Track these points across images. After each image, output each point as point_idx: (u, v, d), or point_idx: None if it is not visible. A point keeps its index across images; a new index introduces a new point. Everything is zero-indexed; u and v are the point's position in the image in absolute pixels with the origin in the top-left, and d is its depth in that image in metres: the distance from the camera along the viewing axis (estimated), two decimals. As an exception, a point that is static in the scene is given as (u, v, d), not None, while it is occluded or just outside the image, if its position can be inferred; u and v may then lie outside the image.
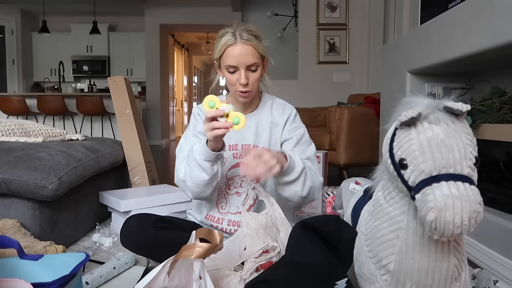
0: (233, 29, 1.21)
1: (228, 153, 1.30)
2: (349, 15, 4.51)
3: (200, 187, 1.21)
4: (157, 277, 0.76)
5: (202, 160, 1.16)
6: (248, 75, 1.21)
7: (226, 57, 1.21)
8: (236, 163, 1.31)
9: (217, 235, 0.81)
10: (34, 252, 1.18)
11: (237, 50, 1.19)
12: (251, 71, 1.22)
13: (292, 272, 0.81)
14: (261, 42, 1.23)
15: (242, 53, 1.19)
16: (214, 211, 1.33)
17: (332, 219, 0.91)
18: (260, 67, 1.24)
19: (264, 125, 1.33)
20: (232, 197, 1.32)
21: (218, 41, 1.22)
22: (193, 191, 1.23)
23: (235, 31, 1.19)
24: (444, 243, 0.68)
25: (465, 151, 0.62)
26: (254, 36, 1.21)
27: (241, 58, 1.19)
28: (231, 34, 1.19)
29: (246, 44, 1.19)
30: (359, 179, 1.32)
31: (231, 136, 1.30)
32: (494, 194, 1.46)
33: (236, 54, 1.19)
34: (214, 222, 1.32)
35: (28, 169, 1.42)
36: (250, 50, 1.19)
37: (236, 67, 1.20)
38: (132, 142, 2.36)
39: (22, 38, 7.52)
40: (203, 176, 1.18)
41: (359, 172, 2.89)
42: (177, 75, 9.21)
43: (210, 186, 1.22)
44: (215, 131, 1.09)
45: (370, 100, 3.24)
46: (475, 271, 1.20)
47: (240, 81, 1.21)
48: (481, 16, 1.35)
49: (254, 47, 1.20)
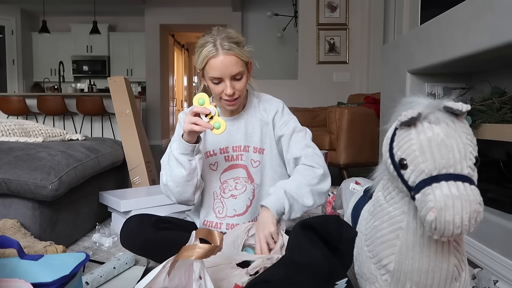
0: (213, 38, 1.15)
1: (219, 156, 1.29)
2: (349, 15, 4.51)
3: (180, 185, 1.19)
4: (157, 277, 0.76)
5: (179, 154, 1.16)
6: (234, 85, 1.18)
7: (209, 68, 1.16)
8: (228, 165, 1.30)
9: (217, 235, 0.81)
10: (34, 252, 1.18)
11: (219, 62, 1.14)
12: (236, 80, 1.19)
13: (292, 272, 0.81)
14: (243, 48, 1.19)
15: (226, 64, 1.14)
16: (211, 216, 1.31)
17: (332, 219, 0.91)
18: (245, 74, 1.21)
19: (253, 124, 1.30)
20: (228, 200, 1.30)
21: (199, 52, 1.18)
22: (174, 191, 1.21)
23: (215, 41, 1.14)
24: (444, 243, 0.68)
25: (465, 151, 0.62)
26: (236, 44, 1.16)
27: (225, 69, 1.15)
28: (212, 45, 1.14)
29: (228, 54, 1.14)
30: (359, 179, 1.32)
31: (220, 140, 1.29)
32: (494, 194, 1.46)
33: (219, 66, 1.14)
34: (213, 227, 1.30)
35: (28, 169, 1.42)
36: (233, 60, 1.15)
37: (221, 78, 1.17)
38: (132, 142, 2.36)
39: (22, 38, 7.52)
40: (181, 172, 1.17)
41: (359, 172, 2.89)
42: (177, 75, 9.21)
43: (190, 185, 1.20)
44: (192, 125, 1.10)
45: (370, 100, 3.24)
46: (475, 271, 1.20)
47: (226, 91, 1.18)
48: (481, 16, 1.35)
49: (237, 56, 1.16)
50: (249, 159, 1.30)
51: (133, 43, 7.91)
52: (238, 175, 1.30)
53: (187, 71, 10.45)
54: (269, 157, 1.31)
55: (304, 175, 1.20)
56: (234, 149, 1.30)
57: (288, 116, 1.32)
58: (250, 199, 1.30)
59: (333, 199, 2.04)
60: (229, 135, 1.29)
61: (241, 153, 1.30)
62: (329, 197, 2.06)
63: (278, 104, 1.33)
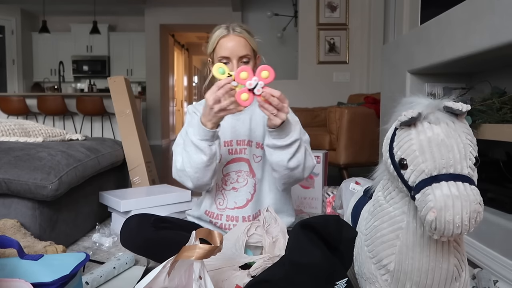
0: (226, 24, 1.28)
1: (223, 149, 1.31)
2: (349, 15, 4.50)
3: (199, 171, 1.19)
4: (157, 277, 0.76)
5: (198, 140, 1.15)
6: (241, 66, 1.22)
7: (219, 49, 1.26)
8: (231, 158, 1.32)
9: (217, 236, 0.81)
10: (34, 252, 1.18)
11: (229, 41, 1.25)
12: (243, 63, 1.25)
13: (292, 272, 0.81)
14: (253, 37, 1.30)
15: (235, 44, 1.24)
16: (212, 207, 1.34)
17: (332, 219, 0.91)
18: (252, 60, 1.28)
19: (257, 120, 1.33)
20: (229, 192, 1.32)
21: (211, 36, 1.29)
22: (193, 177, 1.21)
23: (228, 25, 1.27)
24: (444, 243, 0.68)
25: (465, 151, 0.62)
26: (247, 31, 1.28)
27: (234, 49, 1.24)
28: (225, 28, 1.27)
29: (238, 36, 1.26)
30: (359, 179, 1.32)
31: (225, 132, 1.30)
32: (494, 194, 1.46)
33: (228, 46, 1.24)
34: (213, 218, 1.33)
35: (28, 169, 1.42)
36: (242, 41, 1.26)
37: (229, 58, 1.24)
38: (132, 142, 2.36)
39: (22, 38, 7.52)
40: (201, 158, 1.17)
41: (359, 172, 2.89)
42: (177, 75, 9.21)
43: (210, 169, 1.20)
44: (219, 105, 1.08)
45: (370, 100, 3.24)
46: (475, 271, 1.21)
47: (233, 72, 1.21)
48: (481, 16, 1.35)
49: (247, 40, 1.27)
50: (252, 153, 1.32)
51: (133, 43, 7.90)
52: (240, 168, 1.32)
53: (187, 71, 10.45)
54: None
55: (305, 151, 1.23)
56: (238, 143, 1.32)
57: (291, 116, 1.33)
58: (251, 193, 1.32)
59: (333, 199, 2.04)
60: (234, 129, 1.32)
61: (244, 147, 1.32)
62: (329, 197, 2.06)
63: None
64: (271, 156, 1.19)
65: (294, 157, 1.18)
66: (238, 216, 1.30)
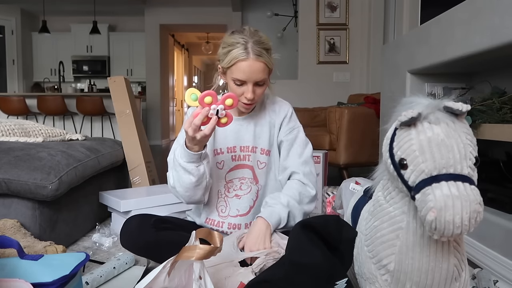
0: (244, 39, 1.14)
1: (226, 155, 1.29)
2: (349, 15, 4.50)
3: (189, 190, 1.18)
4: (158, 278, 0.76)
5: (185, 162, 1.13)
6: (255, 90, 1.18)
7: (236, 70, 1.15)
8: (235, 165, 1.30)
9: (217, 236, 0.81)
10: (34, 252, 1.18)
11: (248, 66, 1.14)
12: (258, 86, 1.19)
13: (292, 272, 0.81)
14: (271, 55, 1.20)
15: (253, 70, 1.14)
16: (214, 214, 1.31)
17: (332, 219, 0.91)
18: (267, 80, 1.22)
19: (262, 125, 1.30)
20: (232, 200, 1.30)
21: (228, 51, 1.16)
22: (183, 195, 1.20)
23: (247, 44, 1.13)
24: (444, 243, 0.68)
25: (465, 151, 0.62)
26: (266, 50, 1.16)
27: (251, 74, 1.15)
28: (243, 48, 1.13)
29: (258, 60, 1.14)
30: (359, 179, 1.32)
31: (229, 139, 1.29)
32: (494, 194, 1.46)
33: (247, 71, 1.14)
34: (214, 226, 1.30)
35: (28, 169, 1.42)
36: (261, 67, 1.15)
37: (245, 81, 1.17)
38: (132, 142, 2.36)
39: (22, 38, 7.52)
40: (190, 179, 1.15)
41: (359, 172, 2.89)
42: (177, 75, 9.22)
43: (200, 188, 1.19)
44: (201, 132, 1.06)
45: (370, 100, 3.23)
46: (475, 271, 1.20)
47: (247, 95, 1.18)
48: (481, 16, 1.35)
49: (265, 64, 1.16)
50: (256, 160, 1.30)
51: (133, 43, 7.91)
52: (244, 175, 1.30)
53: (187, 71, 10.45)
54: (274, 159, 1.32)
55: (300, 191, 1.24)
56: (241, 149, 1.30)
57: (295, 123, 1.34)
58: (254, 200, 1.30)
59: (333, 199, 2.04)
60: (237, 135, 1.29)
61: (248, 153, 1.30)
62: (329, 197, 2.06)
63: (287, 108, 1.34)
64: None
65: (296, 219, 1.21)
66: (241, 224, 1.29)
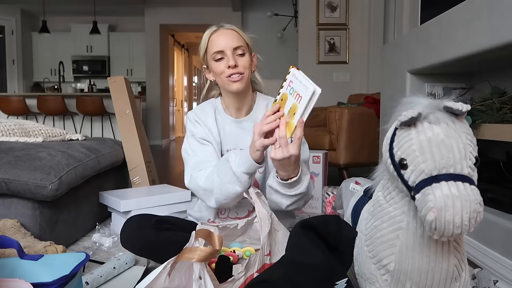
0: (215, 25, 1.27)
1: None
2: (349, 15, 4.50)
3: (229, 199, 1.17)
4: (158, 278, 0.76)
5: (242, 172, 1.10)
6: (236, 59, 1.20)
7: (211, 45, 1.23)
8: None
9: (216, 238, 0.81)
10: (34, 252, 1.18)
11: (221, 35, 1.22)
12: (239, 56, 1.21)
13: (292, 272, 0.81)
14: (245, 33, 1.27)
15: (227, 36, 1.21)
16: (214, 216, 1.32)
17: (332, 219, 0.91)
18: (247, 54, 1.23)
19: None
20: None
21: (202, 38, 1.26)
22: (220, 202, 1.18)
23: (218, 24, 1.26)
24: (444, 243, 0.68)
25: (465, 151, 0.62)
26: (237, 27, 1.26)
27: (226, 41, 1.21)
28: (214, 26, 1.26)
29: (229, 28, 1.24)
30: (359, 179, 1.32)
31: (227, 140, 1.28)
32: (494, 194, 1.46)
33: (220, 39, 1.21)
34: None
35: (28, 169, 1.42)
36: (234, 33, 1.23)
37: (223, 51, 1.20)
38: (132, 142, 2.35)
39: (22, 38, 7.52)
40: (236, 189, 1.13)
41: (359, 172, 2.89)
42: (177, 75, 9.21)
43: (239, 197, 1.17)
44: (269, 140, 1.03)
45: (370, 100, 3.23)
46: (475, 271, 1.20)
47: (229, 63, 1.19)
48: (481, 16, 1.35)
49: (238, 32, 1.24)
50: None
51: (133, 43, 7.91)
52: None
53: (187, 71, 10.45)
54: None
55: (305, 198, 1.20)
56: None
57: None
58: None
59: (333, 199, 2.04)
60: (237, 137, 1.29)
61: None
62: (329, 197, 2.06)
63: None
64: (270, 195, 1.16)
65: (294, 204, 1.16)
66: None
